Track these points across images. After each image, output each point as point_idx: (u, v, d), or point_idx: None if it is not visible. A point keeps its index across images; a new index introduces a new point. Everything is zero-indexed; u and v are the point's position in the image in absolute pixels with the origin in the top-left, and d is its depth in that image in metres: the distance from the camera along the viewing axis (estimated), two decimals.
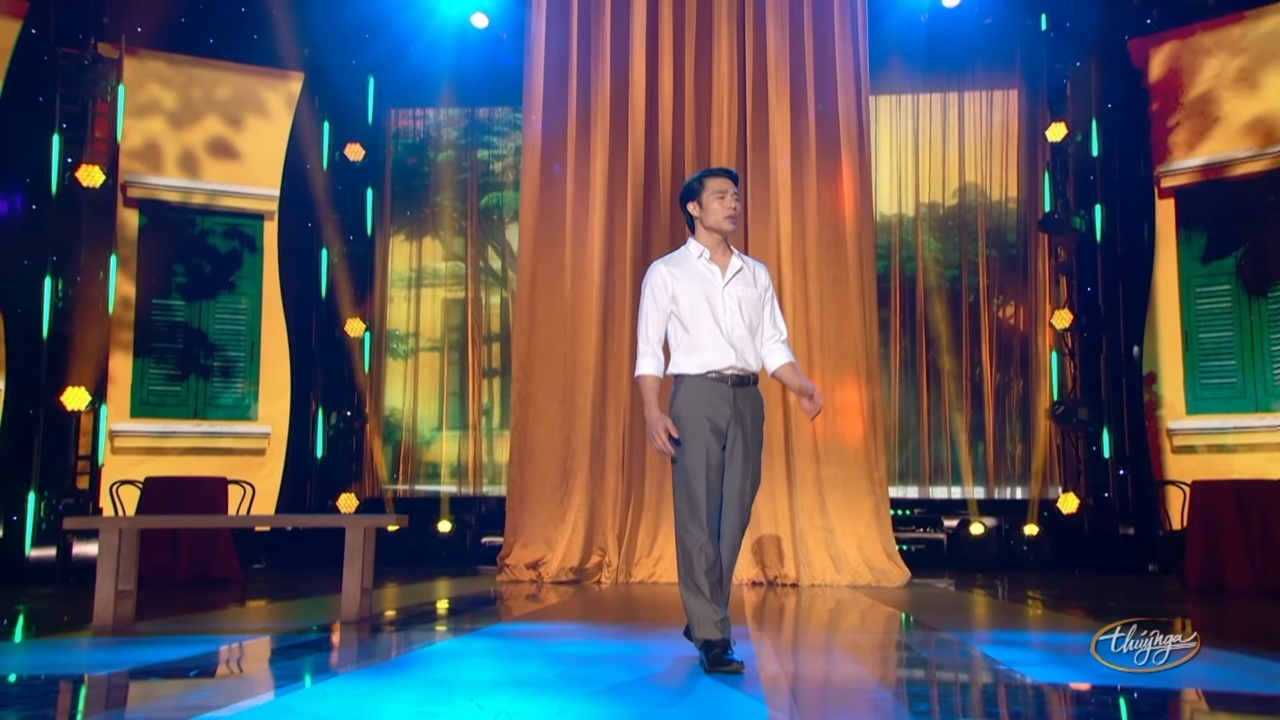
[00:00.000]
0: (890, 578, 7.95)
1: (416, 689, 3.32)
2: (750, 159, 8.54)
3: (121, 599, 5.05)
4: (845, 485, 8.14)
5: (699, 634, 3.76)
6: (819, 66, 8.56)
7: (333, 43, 10.62)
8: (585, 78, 8.67)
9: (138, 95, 9.94)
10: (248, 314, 10.25)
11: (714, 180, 3.98)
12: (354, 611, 5.11)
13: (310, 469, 10.25)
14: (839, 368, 8.33)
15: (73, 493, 8.48)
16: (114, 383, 9.55)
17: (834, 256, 8.41)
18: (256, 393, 10.19)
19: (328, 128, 10.64)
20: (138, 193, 9.90)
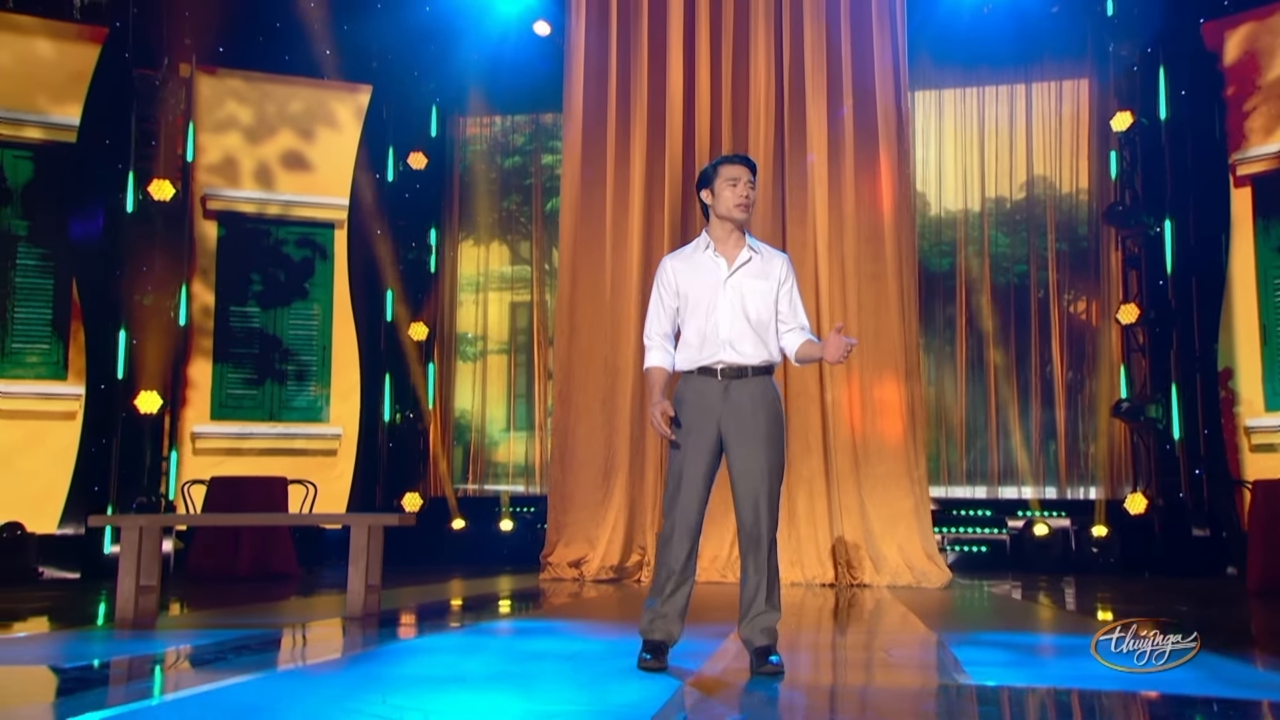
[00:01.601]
0: (930, 579, 7.86)
1: (344, 684, 3.49)
2: (788, 157, 8.53)
3: (144, 594, 5.37)
4: (885, 485, 8.07)
5: (640, 626, 3.84)
6: (857, 63, 8.50)
7: (399, 55, 10.97)
8: (624, 81, 8.80)
9: (216, 112, 10.45)
10: (320, 319, 10.67)
11: (728, 167, 3.94)
12: (358, 608, 5.33)
13: (378, 469, 10.62)
14: (878, 366, 8.26)
15: (147, 492, 8.98)
16: (195, 387, 10.10)
17: (873, 254, 8.34)
18: (328, 395, 10.61)
19: (394, 137, 10.98)
20: (216, 205, 10.41)
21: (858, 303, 8.28)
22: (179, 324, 9.56)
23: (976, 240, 11.00)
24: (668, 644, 3.81)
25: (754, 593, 3.78)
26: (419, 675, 3.67)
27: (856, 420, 8.17)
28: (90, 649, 4.56)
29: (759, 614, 3.78)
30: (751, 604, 3.78)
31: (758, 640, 3.76)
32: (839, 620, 5.85)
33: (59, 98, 9.34)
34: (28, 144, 9.31)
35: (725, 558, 8.12)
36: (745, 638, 3.81)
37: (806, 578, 8.05)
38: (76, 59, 9.41)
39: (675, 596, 3.82)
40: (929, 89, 11.19)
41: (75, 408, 9.11)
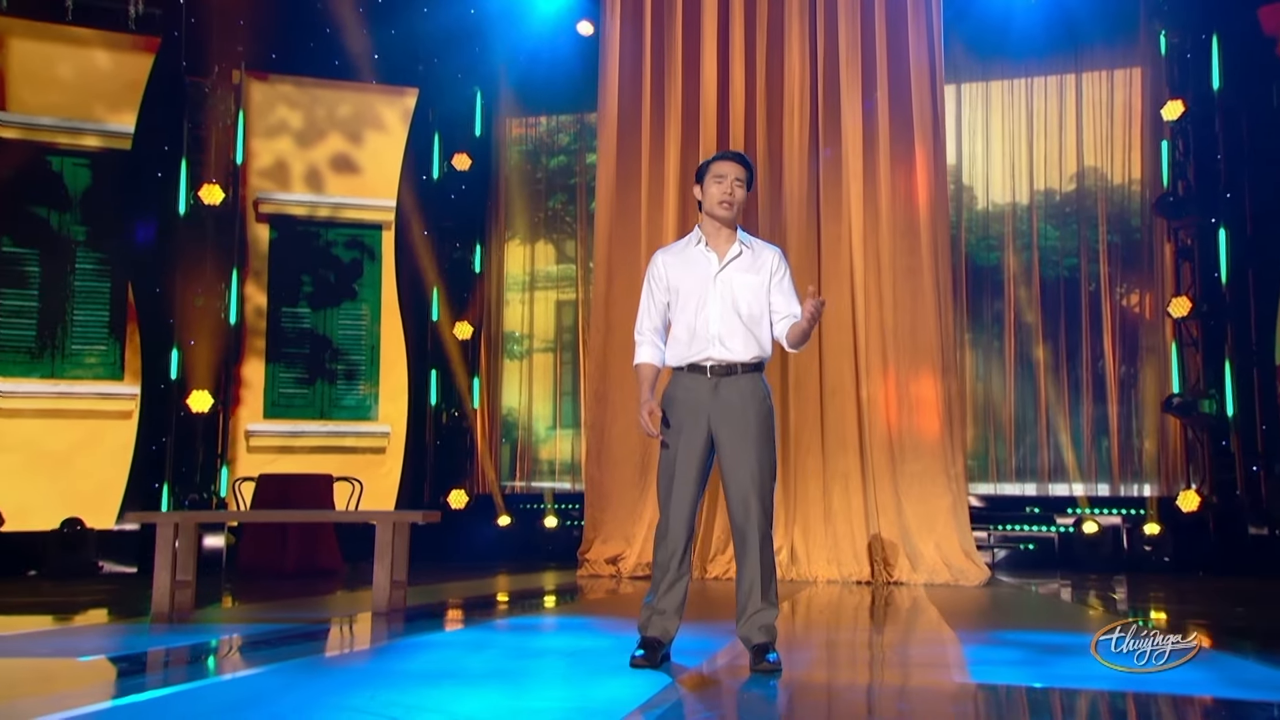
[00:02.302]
0: (969, 577, 7.78)
1: (342, 679, 3.58)
2: (822, 155, 8.49)
3: (180, 589, 5.54)
4: (922, 482, 8.01)
5: (638, 623, 3.87)
6: (892, 57, 8.44)
7: (445, 58, 11.12)
8: (658, 79, 8.83)
9: (268, 117, 10.71)
10: (368, 320, 10.87)
11: (717, 164, 3.94)
12: (384, 604, 5.44)
13: (425, 466, 10.79)
14: (914, 362, 8.20)
15: (200, 489, 9.25)
16: (249, 386, 10.36)
17: (908, 248, 8.27)
18: (377, 394, 10.81)
19: (439, 139, 11.14)
20: (268, 209, 10.66)
21: (893, 298, 8.22)
22: (230, 325, 9.80)
23: (1025, 234, 10.83)
24: (663, 641, 3.84)
25: (749, 590, 3.78)
26: (418, 670, 3.75)
27: (893, 416, 8.11)
28: (111, 642, 4.72)
29: (756, 611, 3.78)
30: (748, 602, 3.79)
31: (756, 638, 3.77)
32: (860, 618, 5.83)
33: (115, 106, 9.66)
34: (86, 152, 9.65)
35: None
36: (743, 635, 3.82)
37: (843, 575, 8.02)
38: (131, 68, 9.72)
39: (671, 593, 3.84)
40: (976, 81, 11.05)
41: (131, 407, 9.42)
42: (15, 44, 9.56)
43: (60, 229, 9.54)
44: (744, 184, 3.95)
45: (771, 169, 8.60)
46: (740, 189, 3.93)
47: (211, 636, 4.70)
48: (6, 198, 9.38)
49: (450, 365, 10.94)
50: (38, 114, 9.53)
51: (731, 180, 3.91)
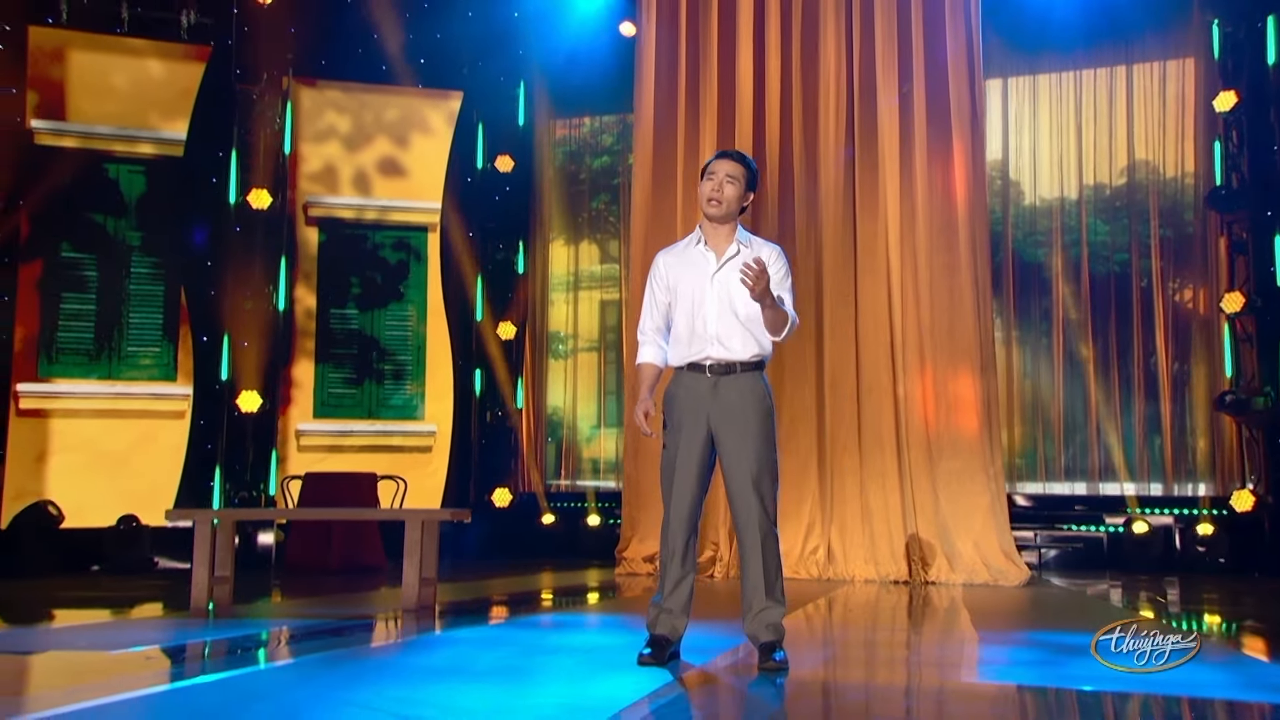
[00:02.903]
0: (1008, 577, 7.70)
1: (349, 674, 3.66)
2: (858, 149, 8.46)
3: (219, 584, 5.70)
4: (960, 481, 7.94)
5: (646, 621, 3.91)
6: (929, 51, 8.36)
7: (489, 61, 11.24)
8: (693, 78, 8.86)
9: (317, 122, 10.92)
10: (415, 320, 11.04)
11: (712, 163, 3.95)
12: (413, 601, 5.55)
13: (470, 465, 10.92)
14: (951, 360, 8.13)
15: (249, 487, 9.47)
16: (299, 386, 10.59)
17: (945, 245, 8.20)
18: (423, 394, 10.97)
19: (483, 142, 11.26)
20: (318, 212, 10.87)
21: (930, 295, 8.15)
22: (278, 326, 10.02)
23: (1074, 229, 10.66)
24: (671, 639, 3.87)
25: (754, 588, 3.81)
26: (429, 666, 3.83)
27: (930, 415, 8.06)
28: (145, 635, 4.88)
29: (762, 609, 3.80)
30: (753, 599, 3.81)
31: (762, 636, 3.79)
32: (884, 617, 5.80)
33: (168, 114, 9.93)
34: (140, 159, 9.93)
35: (798, 554, 8.10)
36: (750, 634, 3.84)
37: (880, 575, 7.97)
38: (183, 77, 9.99)
39: (677, 592, 3.88)
40: (1022, 75, 10.91)
41: (184, 407, 9.68)
42: (74, 56, 9.87)
43: (116, 234, 9.83)
44: (737, 181, 3.91)
45: (807, 166, 8.58)
46: (732, 186, 3.90)
47: (241, 631, 4.83)
48: (66, 205, 9.68)
49: (494, 365, 11.06)
50: (95, 123, 9.83)
51: (721, 178, 3.89)
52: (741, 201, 3.96)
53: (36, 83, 9.71)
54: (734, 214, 3.97)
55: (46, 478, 9.37)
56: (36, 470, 9.37)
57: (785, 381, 8.43)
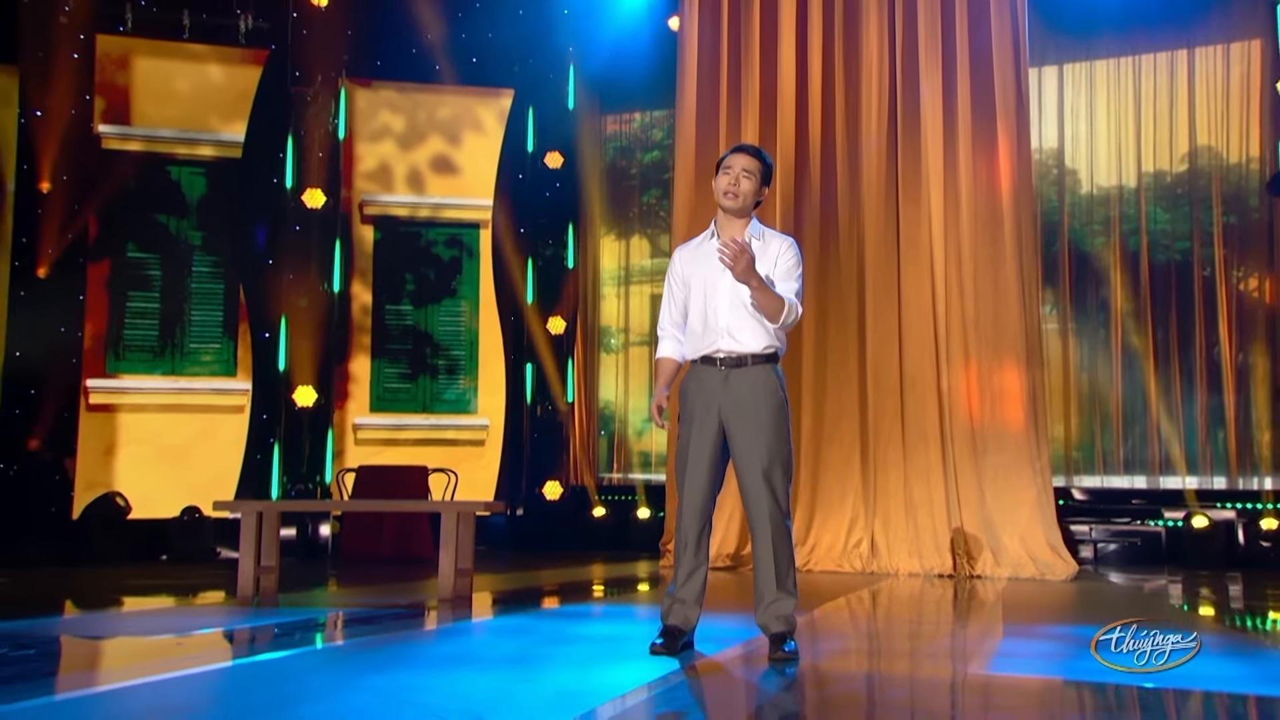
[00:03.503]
0: (1055, 571, 7.60)
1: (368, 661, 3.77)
2: (901, 141, 8.40)
3: (265, 573, 5.88)
4: (1006, 474, 7.85)
5: (660, 611, 3.97)
6: (974, 41, 8.26)
7: (539, 58, 11.37)
8: (735, 70, 8.86)
9: (372, 122, 11.15)
10: (467, 316, 11.22)
11: (728, 157, 3.98)
12: (449, 591, 5.66)
13: (521, 458, 11.07)
14: (997, 352, 8.03)
15: (306, 479, 9.72)
16: (356, 381, 10.84)
17: (990, 237, 8.10)
18: (476, 388, 11.15)
19: (534, 138, 11.38)
20: (373, 211, 11.10)
21: (974, 287, 8.07)
22: (333, 323, 10.27)
23: (1133, 218, 10.46)
24: (684, 629, 3.91)
25: (766, 580, 3.83)
26: (445, 654, 3.93)
27: (975, 407, 7.98)
28: (187, 622, 5.06)
29: (773, 601, 3.83)
30: (765, 590, 3.84)
31: (773, 627, 3.82)
32: (912, 610, 5.77)
33: (227, 117, 10.23)
34: (201, 161, 10.24)
35: (841, 547, 8.10)
36: (762, 624, 3.87)
37: (924, 568, 7.92)
38: (242, 80, 10.28)
39: (690, 582, 3.92)
40: (1079, 62, 10.72)
41: (244, 402, 9.97)
42: (139, 62, 10.21)
43: (179, 234, 10.15)
44: (754, 176, 3.94)
45: (849, 158, 8.54)
46: (748, 181, 3.93)
47: (275, 619, 4.98)
48: (131, 207, 10.03)
49: (545, 360, 11.18)
50: (158, 127, 10.16)
51: (738, 171, 3.92)
52: (757, 195, 3.99)
53: (104, 89, 10.06)
54: (749, 208, 4.00)
55: (115, 470, 9.72)
56: (105, 463, 9.73)
57: (828, 374, 8.42)
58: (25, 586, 6.88)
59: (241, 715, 2.87)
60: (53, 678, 3.44)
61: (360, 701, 2.96)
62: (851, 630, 4.97)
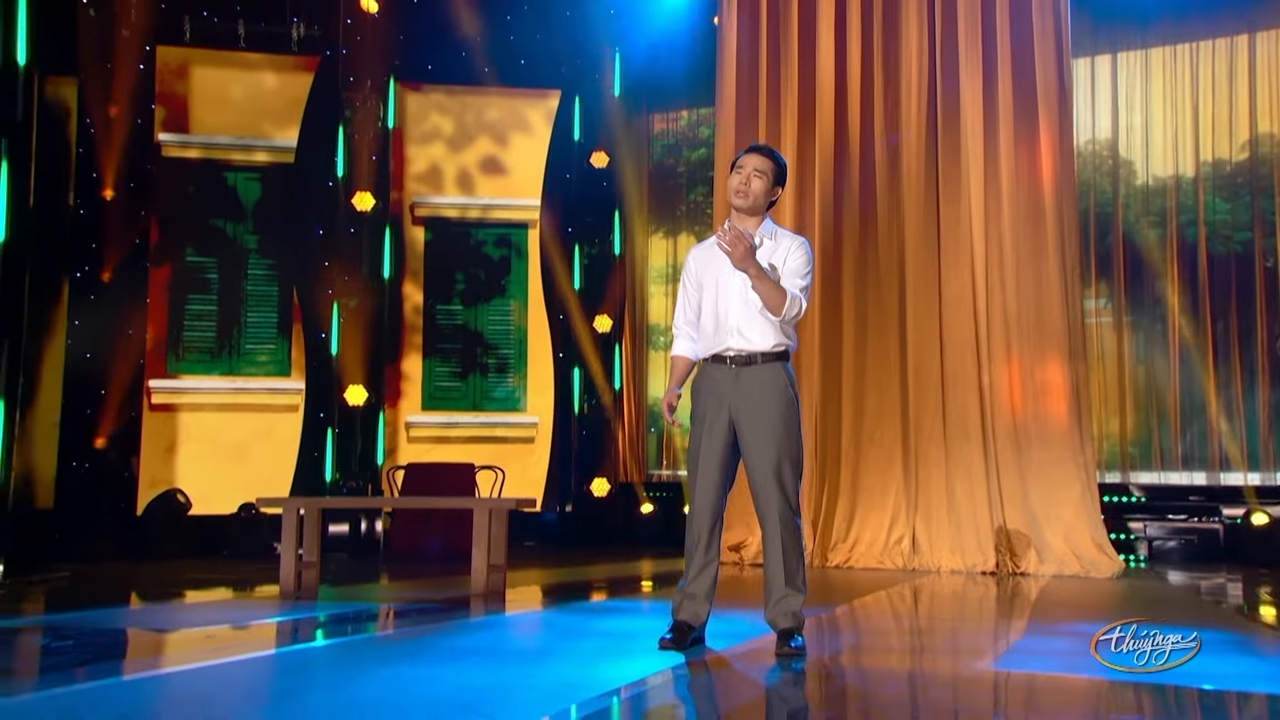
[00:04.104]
0: (1100, 568, 7.48)
1: (382, 653, 3.88)
2: (940, 136, 8.33)
3: (306, 568, 6.04)
4: (1049, 470, 7.75)
5: (671, 606, 4.02)
6: (1015, 34, 8.16)
7: (585, 58, 11.45)
8: (774, 67, 8.85)
9: (422, 125, 11.34)
10: (516, 314, 11.36)
11: (741, 157, 4.04)
12: (482, 586, 5.77)
13: (570, 455, 11.17)
14: (1039, 347, 7.93)
15: (357, 476, 9.93)
16: (408, 380, 11.04)
17: (1032, 231, 8.00)
18: (525, 386, 11.28)
19: (580, 138, 11.47)
20: (424, 212, 11.29)
21: (1016, 282, 7.98)
22: (383, 323, 10.48)
23: (1190, 208, 10.24)
24: (693, 624, 3.96)
25: (775, 576, 3.87)
26: (456, 648, 4.01)
27: (1017, 403, 7.89)
28: (225, 615, 5.23)
29: (782, 597, 3.86)
30: (774, 587, 3.88)
31: (781, 623, 3.86)
32: (933, 606, 5.75)
33: (280, 123, 10.48)
34: (256, 166, 10.51)
35: (882, 544, 8.06)
36: (770, 620, 3.91)
37: (967, 565, 7.85)
38: (294, 86, 10.52)
39: (700, 578, 3.97)
40: (1134, 50, 10.53)
41: (298, 401, 10.22)
42: (197, 71, 10.50)
43: (235, 238, 10.43)
44: (765, 176, 3.97)
45: (889, 156, 8.49)
46: (759, 180, 3.96)
47: (308, 613, 5.13)
48: (190, 212, 10.33)
49: (593, 357, 11.27)
50: (215, 133, 10.44)
51: (749, 171, 3.96)
52: (769, 195, 4.03)
53: (163, 98, 10.37)
54: (761, 207, 4.03)
55: (176, 467, 10.03)
56: (167, 460, 10.04)
57: (869, 371, 8.39)
58: (85, 580, 7.16)
59: (247, 705, 2.99)
60: (77, 669, 3.60)
61: (367, 693, 3.06)
62: (866, 626, 4.97)
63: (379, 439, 10.35)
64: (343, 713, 2.76)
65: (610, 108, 11.56)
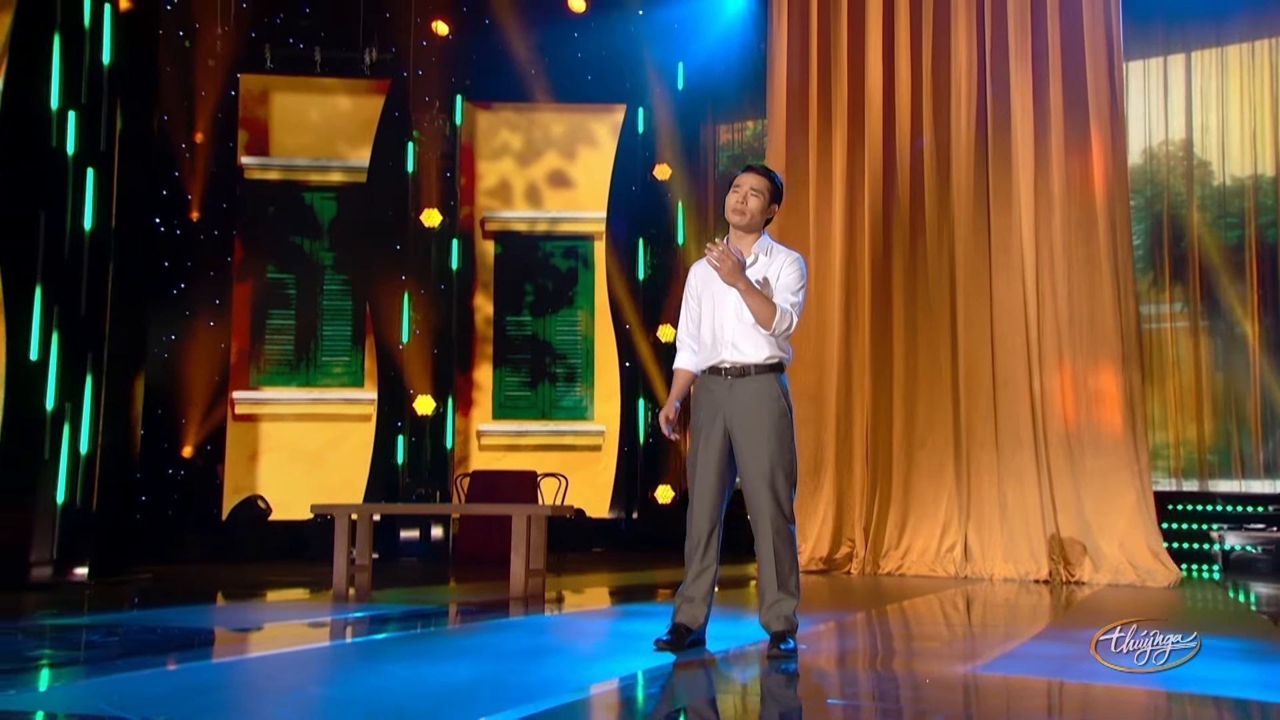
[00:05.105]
0: (1156, 578, 7.34)
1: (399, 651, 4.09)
2: (991, 143, 8.27)
3: (359, 571, 6.33)
4: (1104, 478, 7.63)
5: (673, 609, 4.15)
6: (1065, 39, 8.06)
7: (650, 73, 11.63)
8: (824, 78, 8.89)
9: (492, 142, 11.68)
10: (584, 325, 11.59)
11: (738, 175, 4.15)
12: (520, 590, 5.97)
13: (635, 463, 11.34)
14: (1092, 353, 7.82)
15: (427, 484, 10.27)
16: (480, 389, 11.36)
17: (1084, 237, 7.90)
18: (592, 395, 11.49)
19: (645, 151, 11.65)
20: (494, 226, 11.61)
21: (1068, 288, 7.88)
22: (450, 335, 10.82)
23: (1270, 208, 9.96)
24: (691, 627, 4.08)
25: (768, 581, 3.98)
26: (466, 647, 4.21)
27: (1069, 410, 7.79)
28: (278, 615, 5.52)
29: (775, 601, 3.97)
30: (767, 592, 3.98)
31: (774, 626, 3.96)
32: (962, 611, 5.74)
33: (354, 144, 10.92)
34: (332, 186, 10.96)
35: (934, 551, 8.03)
36: (764, 624, 4.01)
37: (1020, 573, 7.78)
38: (367, 109, 10.95)
39: (698, 582, 4.09)
40: (1207, 48, 10.29)
41: (371, 411, 10.60)
42: (277, 97, 11.00)
43: (312, 255, 10.88)
44: (761, 194, 4.08)
45: (939, 163, 8.46)
46: (756, 199, 4.07)
47: (356, 613, 5.39)
48: (271, 230, 10.82)
49: (658, 367, 11.42)
50: (294, 155, 10.92)
51: (746, 190, 4.08)
52: (765, 213, 4.14)
53: (246, 123, 10.88)
54: (758, 225, 4.15)
55: (258, 475, 10.50)
56: (249, 468, 10.52)
57: (920, 379, 8.37)
58: (167, 581, 7.57)
59: (249, 698, 3.22)
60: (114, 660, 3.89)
61: (367, 687, 3.26)
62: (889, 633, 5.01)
63: (448, 447, 10.68)
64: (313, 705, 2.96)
65: (673, 120, 11.71)
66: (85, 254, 7.56)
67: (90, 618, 5.28)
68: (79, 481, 7.55)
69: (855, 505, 8.32)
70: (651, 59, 11.57)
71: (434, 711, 2.87)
